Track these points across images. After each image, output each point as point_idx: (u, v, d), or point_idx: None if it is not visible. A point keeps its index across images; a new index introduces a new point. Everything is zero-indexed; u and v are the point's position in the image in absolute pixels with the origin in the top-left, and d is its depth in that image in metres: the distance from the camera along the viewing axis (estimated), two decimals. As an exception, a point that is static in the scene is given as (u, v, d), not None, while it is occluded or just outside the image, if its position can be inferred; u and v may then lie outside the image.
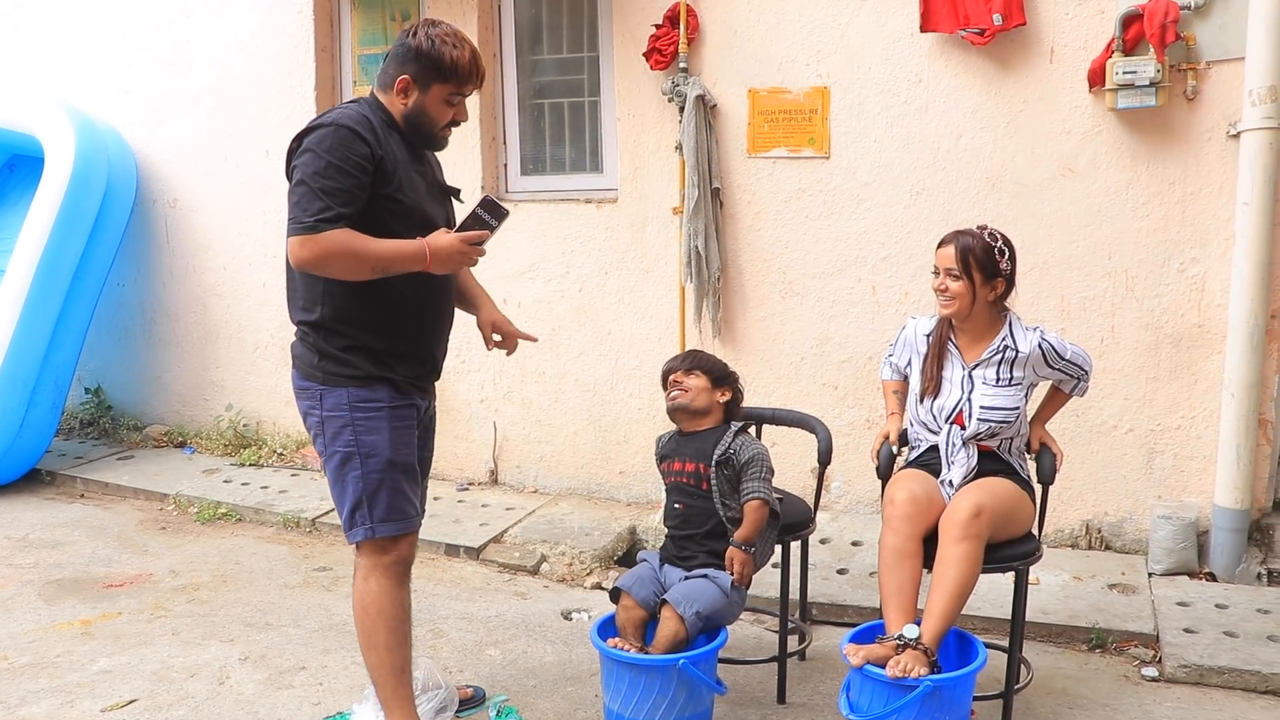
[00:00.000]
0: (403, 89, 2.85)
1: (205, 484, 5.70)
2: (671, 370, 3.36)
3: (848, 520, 4.84)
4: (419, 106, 2.87)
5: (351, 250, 2.68)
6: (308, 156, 2.70)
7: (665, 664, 2.98)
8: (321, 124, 2.74)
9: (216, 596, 4.37)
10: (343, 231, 2.67)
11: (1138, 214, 4.31)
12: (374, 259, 2.73)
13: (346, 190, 2.69)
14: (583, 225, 5.22)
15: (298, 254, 2.68)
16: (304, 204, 2.67)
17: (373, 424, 2.86)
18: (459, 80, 2.85)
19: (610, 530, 4.88)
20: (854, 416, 4.82)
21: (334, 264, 2.70)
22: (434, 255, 2.78)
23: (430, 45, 2.81)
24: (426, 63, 2.82)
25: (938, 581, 3.03)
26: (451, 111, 2.92)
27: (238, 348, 6.29)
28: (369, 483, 2.88)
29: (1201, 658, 3.57)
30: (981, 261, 3.21)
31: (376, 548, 2.91)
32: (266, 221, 6.03)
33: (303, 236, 2.66)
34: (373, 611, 2.92)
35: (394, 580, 2.94)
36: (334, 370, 2.87)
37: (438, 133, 2.95)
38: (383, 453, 2.88)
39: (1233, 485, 4.24)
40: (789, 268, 4.87)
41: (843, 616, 4.07)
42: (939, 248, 3.29)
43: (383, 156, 2.78)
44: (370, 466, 2.87)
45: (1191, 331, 4.31)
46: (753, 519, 3.18)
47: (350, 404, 2.86)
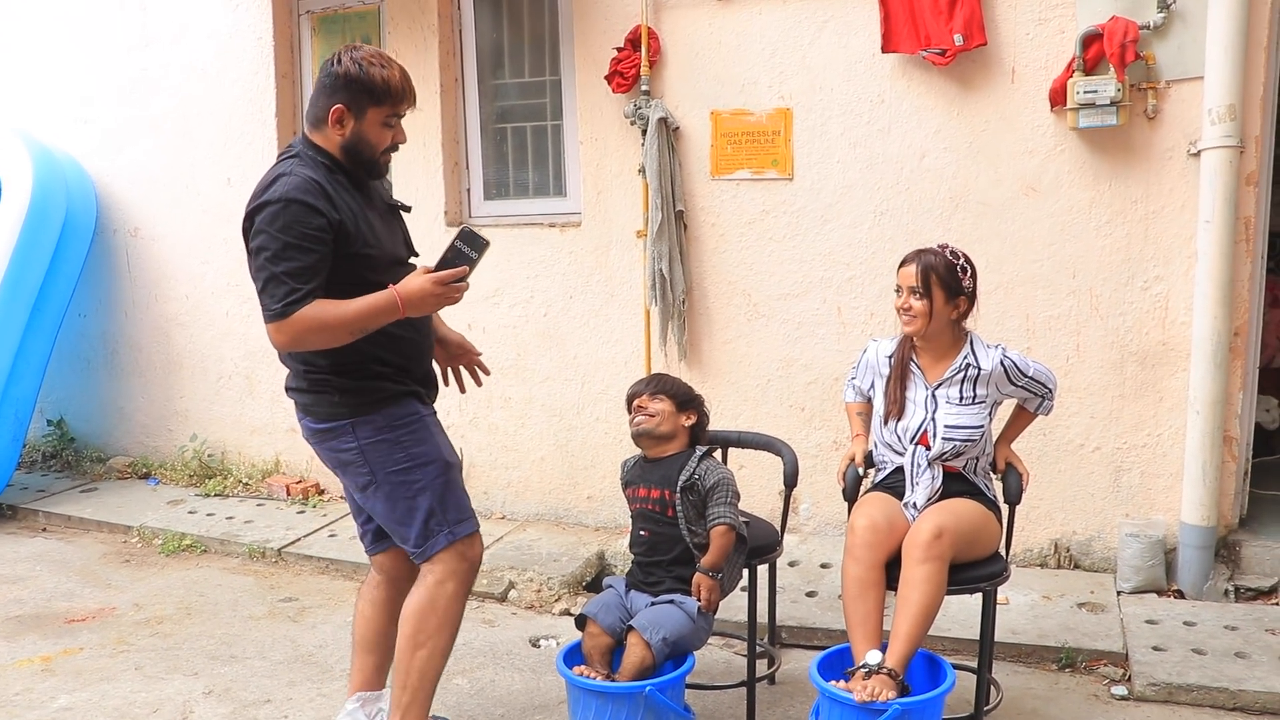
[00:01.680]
0: (337, 119, 2.79)
1: (170, 515, 5.62)
2: (636, 394, 3.33)
3: (816, 542, 4.82)
4: (357, 135, 2.81)
5: (323, 324, 2.67)
6: (263, 238, 2.66)
7: (632, 691, 2.95)
8: (269, 200, 2.68)
9: (180, 629, 4.30)
10: (311, 306, 2.66)
11: (1101, 233, 4.33)
12: (349, 323, 2.70)
13: (308, 267, 2.67)
14: (547, 249, 5.20)
15: (275, 339, 2.69)
16: (270, 290, 2.65)
17: (418, 434, 2.90)
18: (393, 100, 2.80)
19: (578, 556, 4.84)
20: (821, 438, 4.81)
21: (311, 340, 2.71)
22: (405, 302, 2.72)
23: (359, 70, 2.75)
24: (357, 87, 2.76)
25: (902, 604, 3.02)
26: (390, 134, 2.86)
27: (201, 377, 6.22)
28: (435, 488, 2.91)
29: (1170, 675, 3.57)
30: (944, 279, 3.21)
31: (456, 554, 2.93)
32: (229, 250, 5.96)
33: (276, 323, 2.66)
34: (440, 614, 2.93)
35: (466, 588, 2.98)
36: (361, 401, 2.87)
37: (379, 158, 2.88)
38: (438, 457, 2.92)
39: (1199, 502, 4.25)
40: (754, 290, 4.87)
41: (812, 639, 4.04)
42: (901, 266, 3.29)
43: (340, 220, 2.73)
44: (432, 473, 2.90)
45: (1156, 349, 4.32)
46: (719, 545, 3.15)
47: (390, 425, 2.88)
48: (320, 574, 4.93)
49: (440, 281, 2.73)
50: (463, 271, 2.75)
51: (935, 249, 3.27)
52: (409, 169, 5.40)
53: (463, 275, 2.75)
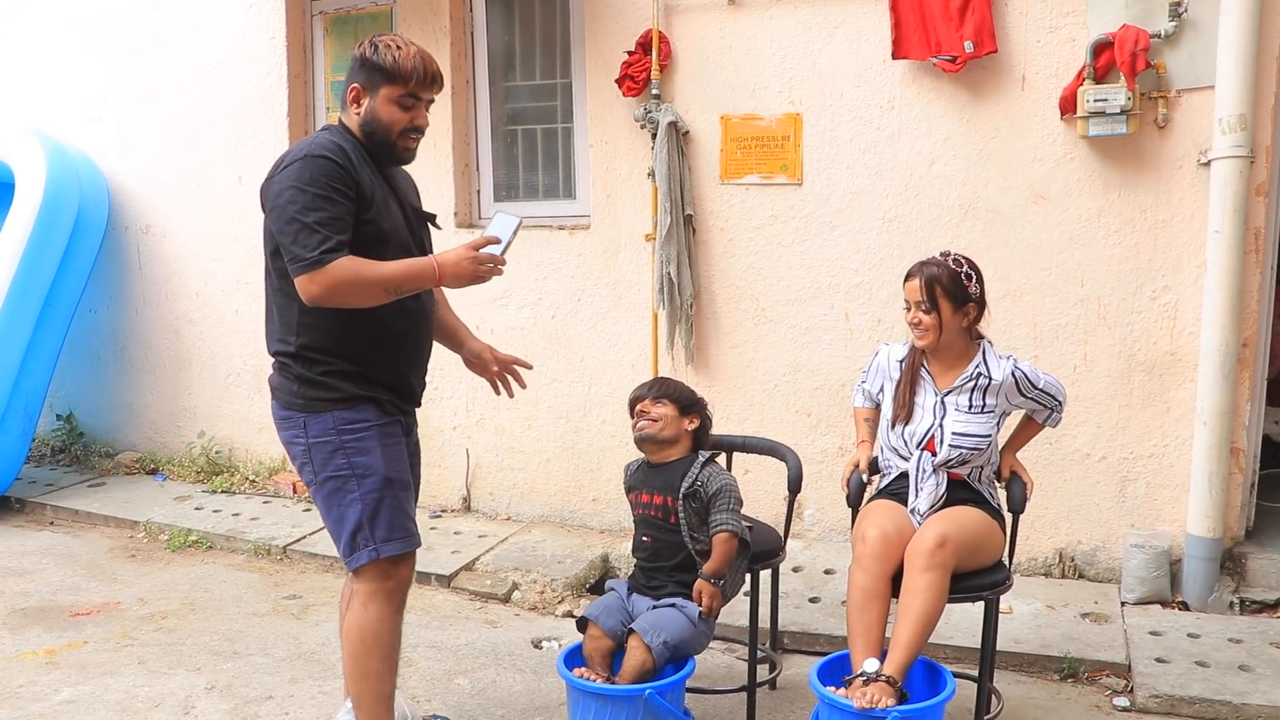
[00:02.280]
0: (354, 98, 2.85)
1: (176, 511, 5.64)
2: (639, 398, 3.33)
3: (820, 548, 4.81)
4: (370, 112, 2.84)
5: (361, 277, 2.66)
6: (291, 193, 2.65)
7: (631, 694, 2.95)
8: (295, 158, 2.71)
9: (184, 625, 4.31)
10: (349, 259, 2.65)
11: (1110, 241, 4.32)
12: (385, 281, 2.70)
13: (339, 218, 2.67)
14: (555, 252, 5.21)
15: (309, 290, 2.64)
16: (302, 240, 2.62)
17: (363, 444, 2.83)
18: (403, 79, 2.80)
19: (582, 558, 4.84)
20: (827, 444, 4.81)
21: (347, 293, 2.67)
22: (443, 270, 2.74)
23: (373, 51, 2.81)
24: (370, 67, 2.81)
25: (903, 612, 3.01)
26: (407, 116, 2.85)
27: (210, 375, 6.25)
28: (368, 503, 2.83)
29: (1173, 687, 3.56)
30: (949, 290, 3.21)
31: (379, 572, 2.86)
32: (239, 248, 6.00)
33: (311, 272, 2.62)
34: (369, 639, 2.87)
35: (394, 607, 2.91)
36: (316, 395, 2.83)
37: (395, 140, 2.87)
38: (378, 470, 2.84)
39: (1205, 514, 4.23)
40: (761, 294, 4.87)
41: (815, 645, 4.03)
42: (906, 281, 3.28)
43: (359, 181, 2.76)
44: (367, 486, 2.83)
45: (1164, 359, 4.31)
46: (720, 551, 3.15)
47: (337, 427, 2.83)
48: (324, 572, 4.94)
49: (475, 247, 2.75)
50: (492, 240, 2.78)
51: (937, 259, 3.26)
52: (420, 169, 5.31)
53: (492, 243, 2.78)
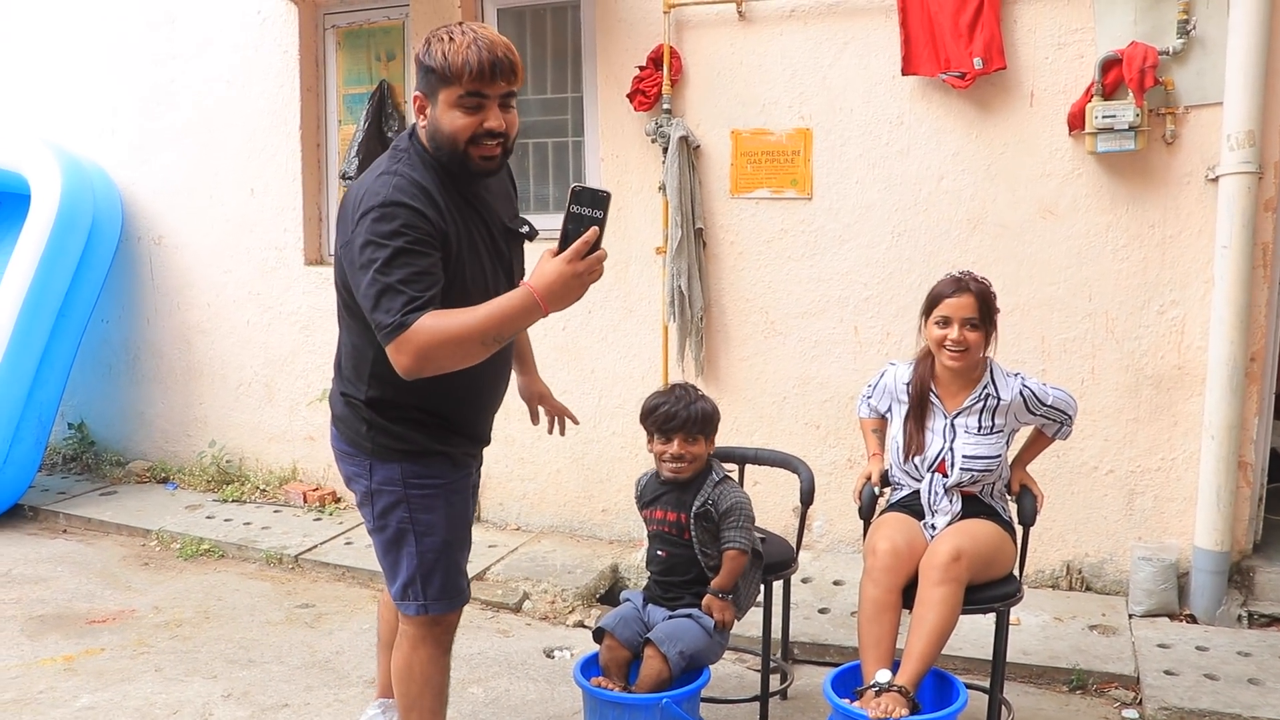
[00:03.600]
0: (420, 109, 2.51)
1: (188, 520, 5.66)
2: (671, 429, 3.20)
3: (830, 559, 4.84)
4: (433, 123, 2.47)
5: (449, 334, 2.31)
6: (370, 249, 2.35)
7: (648, 703, 2.98)
8: (372, 204, 2.39)
9: (199, 633, 4.34)
10: (430, 316, 2.31)
11: (1118, 256, 4.35)
12: (481, 331, 2.32)
13: (425, 272, 2.36)
14: (567, 264, 5.22)
15: (400, 363, 2.33)
16: (384, 305, 2.31)
17: (429, 502, 2.66)
18: (456, 77, 2.39)
19: (593, 568, 4.87)
20: (836, 456, 4.84)
21: (439, 356, 2.33)
22: (546, 297, 2.31)
23: (424, 49, 2.45)
24: (424, 70, 2.45)
25: (916, 624, 3.03)
26: (474, 119, 2.44)
27: (221, 384, 6.28)
28: (424, 562, 2.69)
29: (1182, 700, 3.56)
30: (989, 306, 3.26)
31: (428, 620, 2.76)
32: (250, 259, 6.05)
33: (396, 340, 2.31)
34: (419, 680, 2.79)
35: (443, 649, 2.82)
36: (386, 444, 2.63)
37: (464, 149, 2.47)
38: (439, 532, 2.69)
39: (1213, 527, 4.24)
40: (771, 308, 4.90)
41: (825, 656, 4.05)
42: (949, 298, 3.24)
43: (446, 233, 2.45)
44: (425, 545, 2.68)
45: (1171, 373, 4.34)
46: (729, 568, 3.18)
47: (404, 480, 2.64)
48: (336, 581, 4.97)
49: (576, 257, 2.30)
50: (594, 235, 2.31)
51: (972, 276, 3.28)
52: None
53: (595, 240, 2.32)
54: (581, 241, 2.30)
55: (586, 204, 2.33)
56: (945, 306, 3.23)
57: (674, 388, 3.32)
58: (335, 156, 5.94)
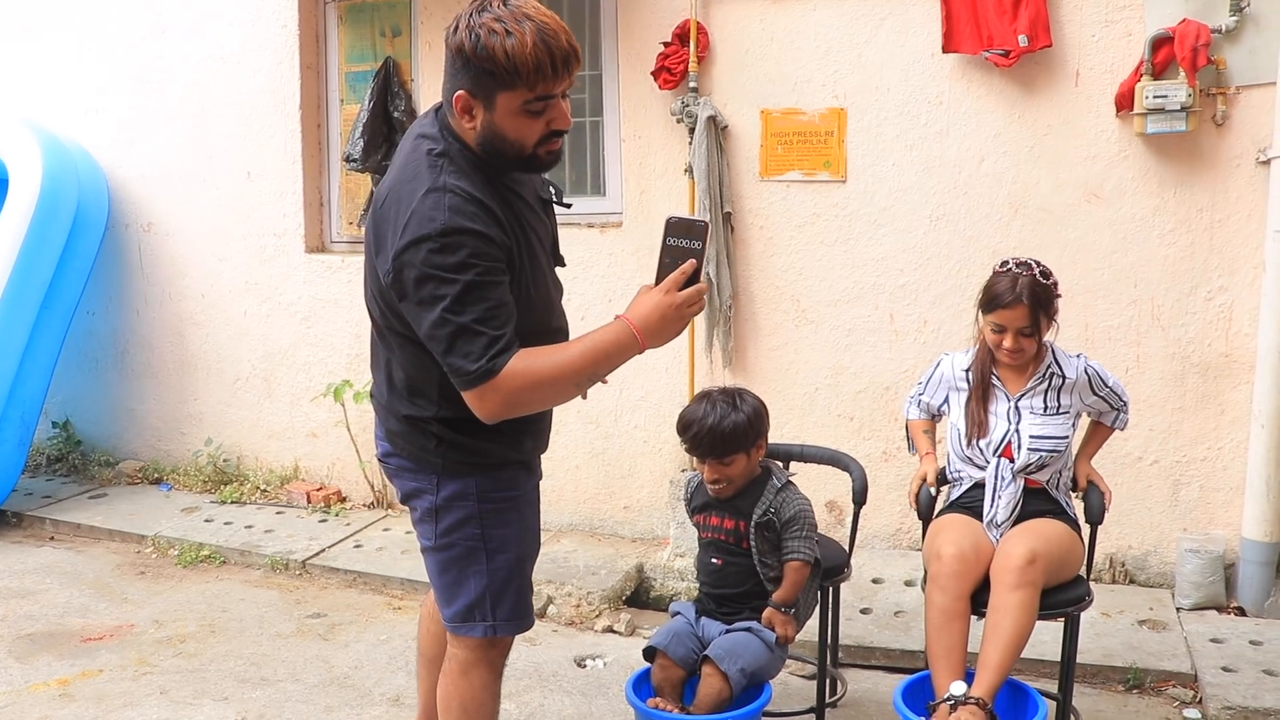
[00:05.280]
0: (464, 109, 2.19)
1: (185, 524, 5.41)
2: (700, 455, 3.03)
3: (866, 556, 4.68)
4: (489, 128, 2.20)
5: (544, 378, 2.18)
6: (433, 285, 2.12)
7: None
8: (428, 230, 2.12)
9: (205, 649, 4.11)
10: (519, 359, 2.15)
11: (1164, 241, 4.21)
12: (576, 373, 2.20)
13: (500, 304, 2.16)
14: (585, 250, 5.03)
15: (483, 409, 2.18)
16: (461, 347, 2.12)
17: (505, 516, 2.44)
18: (526, 81, 2.12)
19: (617, 569, 4.68)
20: (870, 449, 4.67)
21: (533, 401, 2.23)
22: (645, 332, 2.21)
23: (475, 42, 2.10)
24: (478, 68, 2.12)
25: (991, 632, 2.91)
26: (539, 123, 2.21)
27: (217, 379, 6.02)
28: (495, 580, 2.46)
29: (1245, 699, 3.48)
30: (1047, 309, 3.11)
31: (490, 644, 2.53)
32: (247, 247, 5.79)
33: (481, 388, 2.14)
34: (474, 705, 2.55)
35: (496, 673, 2.59)
36: (458, 459, 2.39)
37: (531, 153, 2.25)
38: (513, 548, 2.48)
39: (1262, 518, 4.14)
40: (803, 295, 4.72)
41: (870, 659, 3.93)
42: (1002, 309, 3.08)
43: (509, 245, 2.23)
44: (498, 563, 2.45)
45: (1218, 361, 4.21)
46: (792, 580, 3.02)
47: (479, 495, 2.41)
48: (348, 587, 4.75)
49: (675, 288, 2.21)
50: (692, 267, 2.24)
51: (1026, 274, 3.10)
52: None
53: (696, 272, 2.24)
54: (679, 272, 2.23)
55: (682, 235, 2.27)
56: (999, 315, 3.09)
57: (709, 396, 3.05)
58: (338, 138, 5.67)
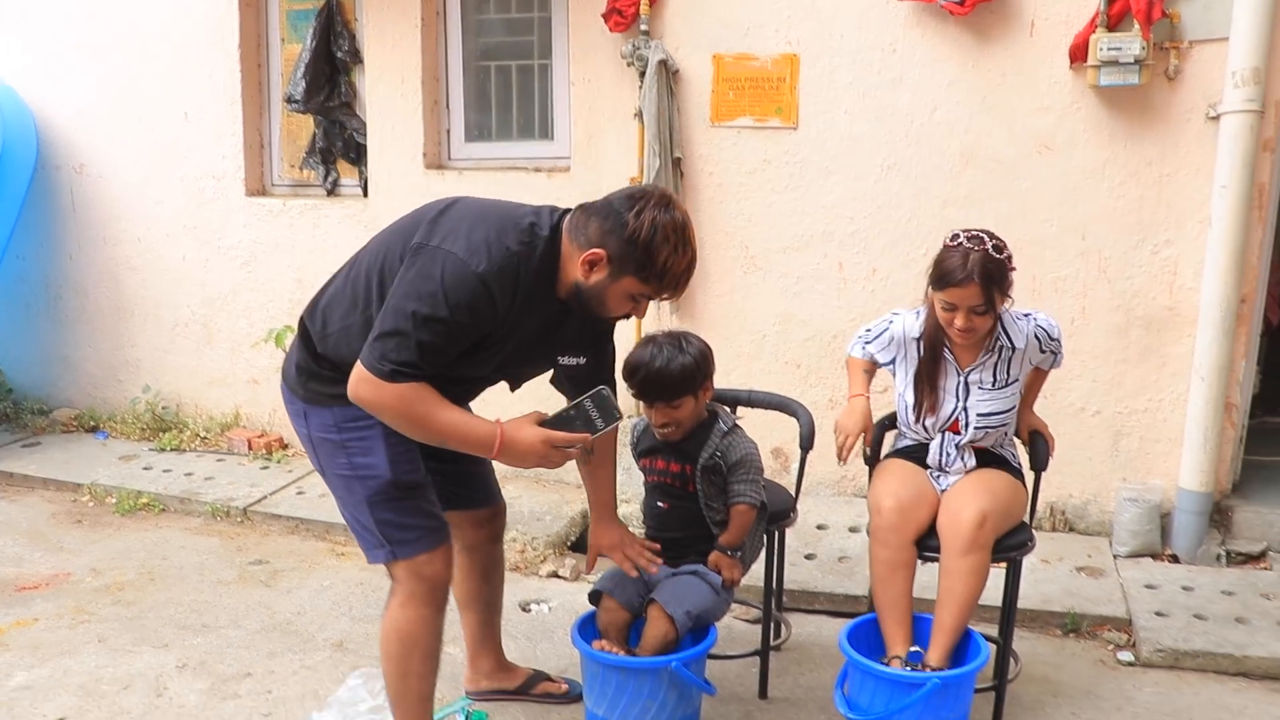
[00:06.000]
0: (591, 263, 2.42)
1: (123, 472, 5.30)
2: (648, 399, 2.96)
3: (811, 502, 4.70)
4: (599, 291, 2.46)
5: (411, 413, 2.39)
6: (429, 293, 2.33)
7: (656, 666, 2.81)
8: (464, 263, 2.35)
9: (144, 597, 4.03)
10: (412, 388, 2.36)
11: (1113, 194, 4.22)
12: (435, 433, 2.43)
13: (444, 350, 2.38)
14: (533, 195, 4.84)
15: (357, 389, 2.38)
16: (392, 344, 2.33)
17: (367, 444, 2.54)
18: (657, 287, 2.44)
19: (562, 515, 4.66)
20: (817, 396, 4.67)
21: (393, 419, 2.41)
22: (505, 450, 2.45)
23: (650, 236, 2.37)
24: (633, 252, 2.39)
25: (945, 597, 2.92)
26: (630, 308, 2.52)
27: (154, 325, 5.87)
28: (374, 505, 2.57)
29: (1176, 641, 3.57)
30: (1000, 285, 2.94)
31: (407, 574, 2.61)
32: (185, 189, 5.63)
33: (373, 378, 2.35)
34: (409, 642, 2.64)
35: (434, 608, 2.66)
36: (318, 390, 2.58)
37: (601, 316, 2.56)
38: (382, 474, 2.56)
39: (1198, 468, 4.23)
40: (752, 242, 4.69)
41: (814, 604, 3.96)
42: (953, 287, 2.90)
43: (504, 318, 2.44)
44: (373, 488, 2.56)
45: (1162, 314, 4.25)
46: (738, 523, 3.01)
47: (338, 424, 2.56)
48: (290, 534, 4.69)
49: (552, 444, 2.46)
50: (582, 439, 2.48)
51: (979, 249, 2.90)
52: (384, 106, 5.12)
53: (580, 443, 2.49)
54: (568, 440, 2.47)
55: (600, 410, 2.49)
56: (950, 294, 2.91)
57: (655, 340, 2.98)
58: (279, 78, 5.52)
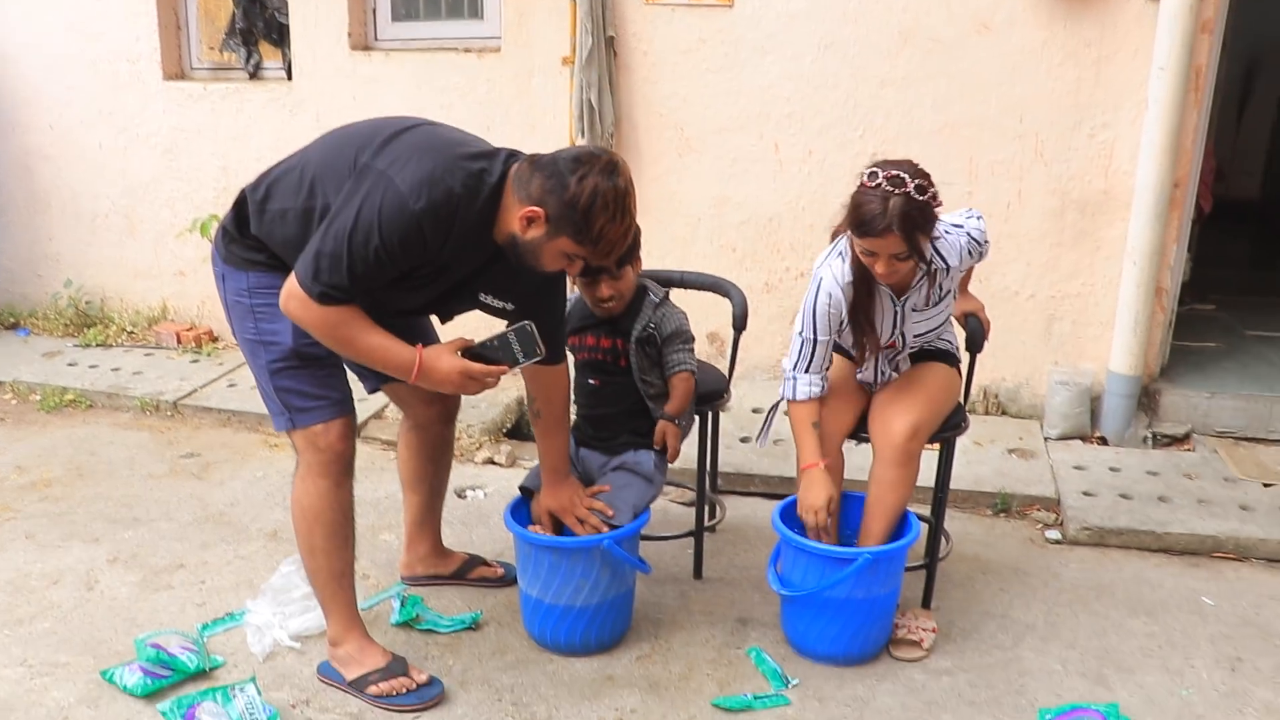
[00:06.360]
0: (529, 219, 2.36)
1: (47, 368, 5.16)
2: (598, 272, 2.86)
3: (747, 387, 4.71)
4: (534, 246, 2.40)
5: (336, 332, 2.42)
6: (366, 221, 2.30)
7: (588, 545, 2.79)
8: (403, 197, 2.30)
9: (73, 493, 3.95)
10: (338, 311, 2.38)
11: (1051, 75, 4.17)
12: (355, 350, 2.47)
13: (374, 279, 2.38)
14: (462, 77, 4.80)
15: (288, 304, 2.39)
16: (324, 265, 2.32)
17: (274, 311, 2.53)
18: (594, 254, 2.40)
19: (498, 401, 4.62)
20: (753, 279, 4.63)
21: (315, 331, 2.43)
22: (423, 374, 2.46)
23: (589, 203, 2.31)
24: (571, 215, 2.33)
25: (875, 506, 2.92)
26: (565, 265, 2.46)
27: (74, 217, 5.67)
28: (275, 372, 2.62)
29: (1102, 520, 3.65)
30: (924, 227, 2.65)
31: (305, 443, 2.64)
32: (98, 73, 5.38)
33: (303, 296, 2.36)
34: (309, 515, 2.66)
35: (332, 480, 2.65)
36: (238, 253, 2.60)
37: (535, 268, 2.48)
38: (285, 342, 2.58)
39: (1128, 352, 4.28)
40: (687, 123, 4.60)
41: (749, 486, 4.00)
42: (872, 236, 2.63)
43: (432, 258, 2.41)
44: (276, 354, 2.59)
45: (1097, 198, 4.25)
46: (682, 390, 3.01)
47: (250, 289, 2.58)
48: (222, 426, 4.61)
49: (469, 375, 2.47)
50: (500, 371, 2.49)
51: (899, 192, 2.60)
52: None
53: (499, 375, 2.49)
54: (486, 371, 2.46)
55: (522, 344, 2.48)
56: (869, 243, 2.66)
57: None
58: (193, -46, 5.27)
